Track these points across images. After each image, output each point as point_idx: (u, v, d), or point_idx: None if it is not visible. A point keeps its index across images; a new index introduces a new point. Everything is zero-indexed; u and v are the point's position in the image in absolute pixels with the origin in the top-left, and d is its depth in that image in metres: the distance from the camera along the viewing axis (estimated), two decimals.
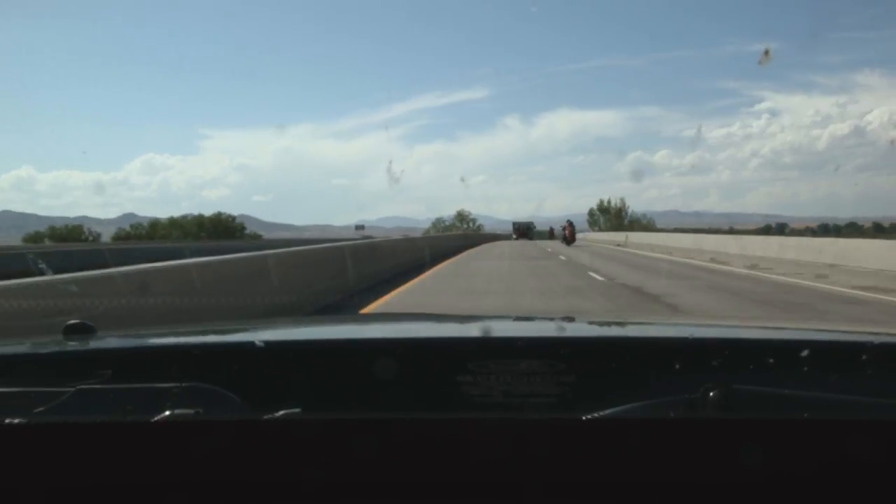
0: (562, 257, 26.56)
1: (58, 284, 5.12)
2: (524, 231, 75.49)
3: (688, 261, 23.41)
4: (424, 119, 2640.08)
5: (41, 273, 5.93)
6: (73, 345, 1.48)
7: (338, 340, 1.63)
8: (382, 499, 0.97)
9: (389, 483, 0.97)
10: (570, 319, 1.93)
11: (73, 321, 1.55)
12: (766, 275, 16.74)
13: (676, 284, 14.51)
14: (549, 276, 16.77)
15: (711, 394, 1.06)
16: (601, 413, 0.99)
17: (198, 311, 6.61)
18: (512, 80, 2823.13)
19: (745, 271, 18.04)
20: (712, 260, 22.67)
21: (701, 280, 15.69)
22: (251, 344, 1.31)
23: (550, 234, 72.19)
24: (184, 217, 73.66)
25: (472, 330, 1.85)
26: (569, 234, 41.86)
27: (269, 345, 1.34)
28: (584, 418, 0.97)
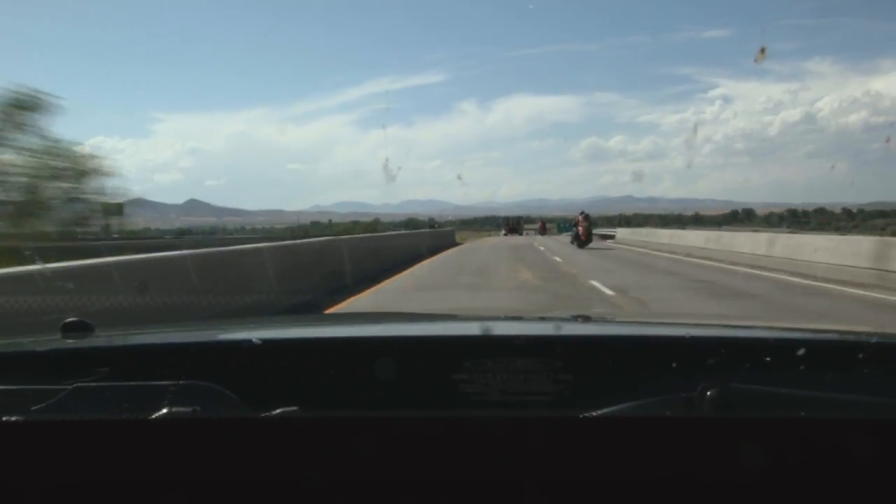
0: None
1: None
2: (514, 226, 72.70)
3: None
4: (380, 103, 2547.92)
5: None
6: (70, 342, 1.48)
7: (336, 338, 1.64)
8: (380, 497, 0.99)
9: (387, 482, 0.98)
10: (568, 318, 1.96)
11: (71, 319, 1.54)
12: None
13: None
14: None
15: (709, 392, 1.07)
16: (599, 411, 1.00)
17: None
18: (469, 64, 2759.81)
19: None
20: None
21: None
22: (249, 342, 1.32)
23: (542, 229, 68.93)
24: None
25: (471, 328, 1.83)
26: (583, 232, 29.29)
27: (267, 342, 1.36)
28: (581, 417, 0.99)
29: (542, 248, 28.53)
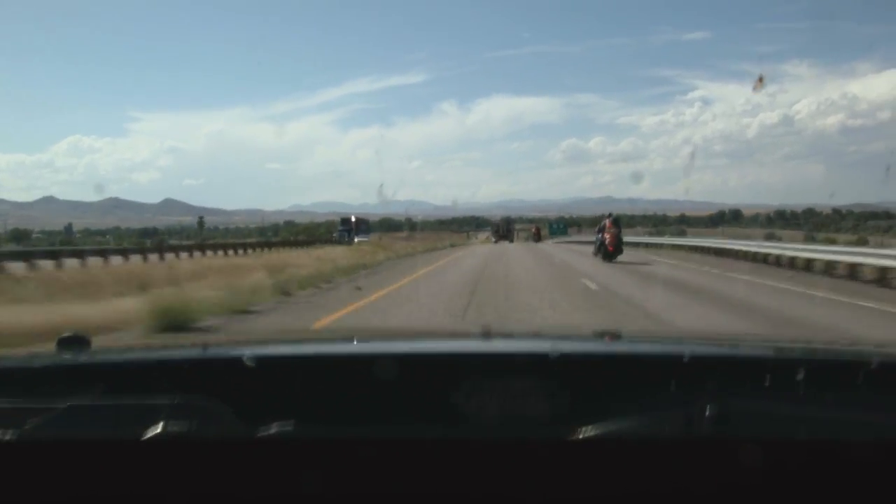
0: None
1: None
2: (504, 232, 67.86)
3: None
4: (360, 103, 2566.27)
5: None
6: (66, 358, 1.47)
7: (333, 355, 1.63)
8: None
9: (383, 498, 0.98)
10: (567, 335, 2.00)
11: (66, 334, 1.54)
12: None
13: None
14: None
15: (708, 411, 1.06)
16: (596, 430, 1.01)
17: None
18: (449, 65, 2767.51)
19: None
20: None
21: None
22: (245, 358, 1.30)
23: (536, 234, 64.70)
24: None
25: (468, 345, 1.83)
26: (611, 240, 22.79)
27: (263, 359, 1.36)
28: (580, 436, 0.99)
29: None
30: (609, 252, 23.01)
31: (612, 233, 23.15)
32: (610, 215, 24.37)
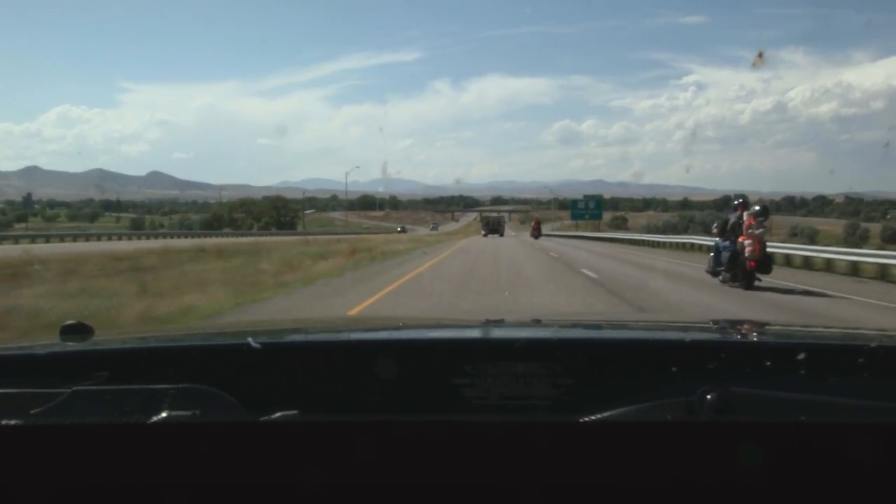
0: None
1: None
2: (494, 226, 65.51)
3: None
4: (353, 80, 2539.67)
5: None
6: (70, 345, 1.48)
7: (335, 342, 1.63)
8: (380, 501, 1.01)
9: (387, 486, 1.00)
10: (569, 322, 1.96)
11: (70, 322, 1.54)
12: None
13: None
14: None
15: (709, 396, 1.07)
16: (599, 415, 1.02)
17: None
18: (443, 43, 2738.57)
19: None
20: None
21: None
22: (248, 345, 1.30)
23: (535, 228, 57.11)
24: None
25: (471, 332, 1.82)
26: (753, 249, 12.81)
27: (267, 346, 1.36)
28: (581, 421, 1.01)
29: None
30: (749, 270, 12.89)
31: (755, 235, 12.79)
32: (741, 200, 13.95)
